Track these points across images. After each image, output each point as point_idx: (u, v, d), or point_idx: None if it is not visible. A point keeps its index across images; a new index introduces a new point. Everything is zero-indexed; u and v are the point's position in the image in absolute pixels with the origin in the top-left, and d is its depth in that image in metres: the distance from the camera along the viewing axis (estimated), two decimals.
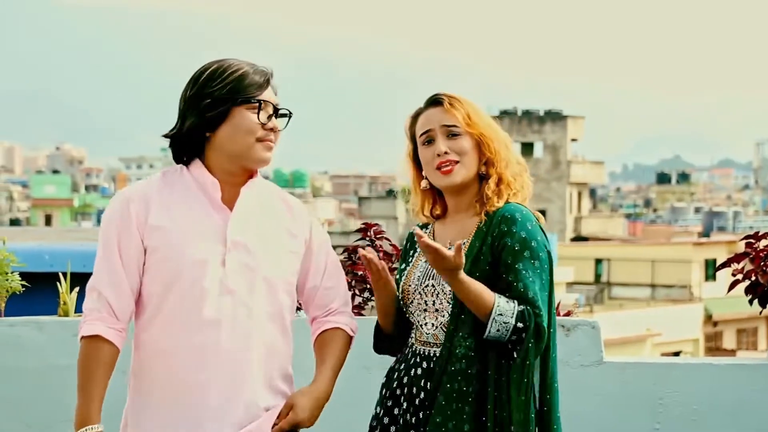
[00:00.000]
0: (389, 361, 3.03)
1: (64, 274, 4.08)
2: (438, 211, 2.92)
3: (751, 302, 4.01)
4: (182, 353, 2.60)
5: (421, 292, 2.82)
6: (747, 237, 4.07)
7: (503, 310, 2.66)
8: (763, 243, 4.02)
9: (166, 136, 2.69)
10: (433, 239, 2.87)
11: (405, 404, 2.82)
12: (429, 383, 2.77)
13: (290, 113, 2.72)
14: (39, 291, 4.25)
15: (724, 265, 4.07)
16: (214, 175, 2.65)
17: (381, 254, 4.32)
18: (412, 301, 2.84)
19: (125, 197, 2.64)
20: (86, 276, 3.96)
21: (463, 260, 2.64)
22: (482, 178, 2.84)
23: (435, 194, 2.91)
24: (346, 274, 4.24)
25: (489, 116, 2.90)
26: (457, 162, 2.81)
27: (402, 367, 2.86)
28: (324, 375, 2.74)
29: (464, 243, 2.79)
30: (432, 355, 2.79)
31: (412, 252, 2.93)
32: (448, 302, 2.78)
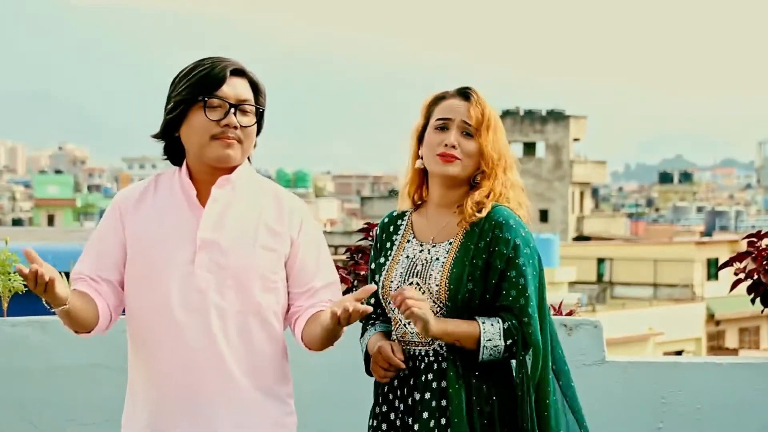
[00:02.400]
0: None
1: (67, 274, 4.06)
2: (417, 199, 2.90)
3: (753, 301, 4.01)
4: (156, 350, 2.63)
5: None
6: (749, 236, 4.06)
7: (490, 334, 2.71)
8: (765, 242, 4.01)
9: (153, 136, 2.73)
10: (411, 230, 2.87)
11: (401, 406, 2.80)
12: (417, 382, 2.76)
13: (260, 108, 2.68)
14: None
15: (727, 264, 4.07)
16: (195, 176, 2.68)
17: None
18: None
19: (115, 200, 2.74)
20: None
21: (428, 317, 2.65)
22: (473, 185, 2.83)
23: (423, 179, 2.89)
24: (348, 273, 4.23)
25: (501, 131, 2.86)
26: (458, 159, 2.80)
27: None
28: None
29: (449, 242, 2.79)
30: (418, 354, 2.78)
31: (389, 245, 2.89)
32: (433, 302, 2.76)
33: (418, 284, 2.78)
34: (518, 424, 2.73)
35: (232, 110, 2.62)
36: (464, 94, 2.84)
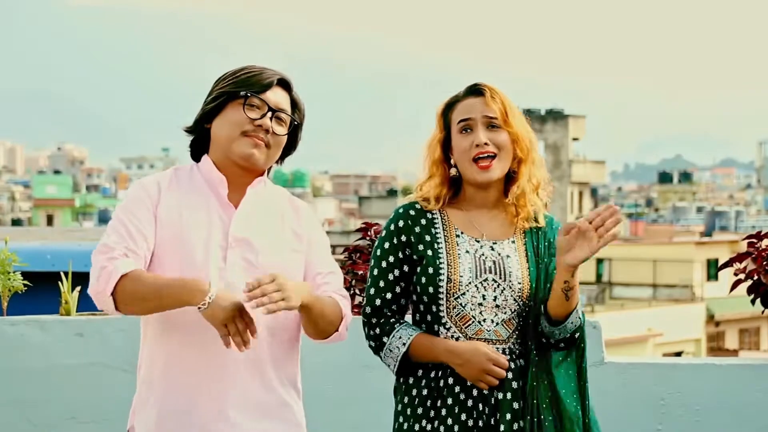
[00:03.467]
0: None
1: (66, 274, 4.11)
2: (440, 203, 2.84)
3: (753, 302, 4.00)
4: (184, 349, 2.63)
5: (478, 286, 2.73)
6: (749, 237, 4.06)
7: (579, 306, 2.74)
8: (765, 242, 4.00)
9: (186, 130, 2.76)
10: (449, 225, 2.79)
11: (482, 407, 2.72)
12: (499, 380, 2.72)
13: (299, 123, 2.75)
14: (41, 290, 4.27)
15: (726, 264, 4.06)
16: (221, 172, 2.70)
17: None
18: (463, 294, 2.73)
19: (142, 184, 2.70)
20: (88, 275, 3.95)
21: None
22: (509, 175, 2.80)
23: (451, 183, 2.84)
24: (346, 273, 4.24)
25: (522, 114, 2.85)
26: (494, 156, 2.76)
27: (448, 372, 2.74)
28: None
29: (511, 241, 2.78)
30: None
31: (429, 238, 2.76)
32: (514, 300, 2.73)
33: (495, 281, 2.73)
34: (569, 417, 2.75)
35: (269, 114, 2.67)
36: (475, 91, 2.81)
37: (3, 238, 4.12)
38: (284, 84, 2.74)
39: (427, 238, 2.76)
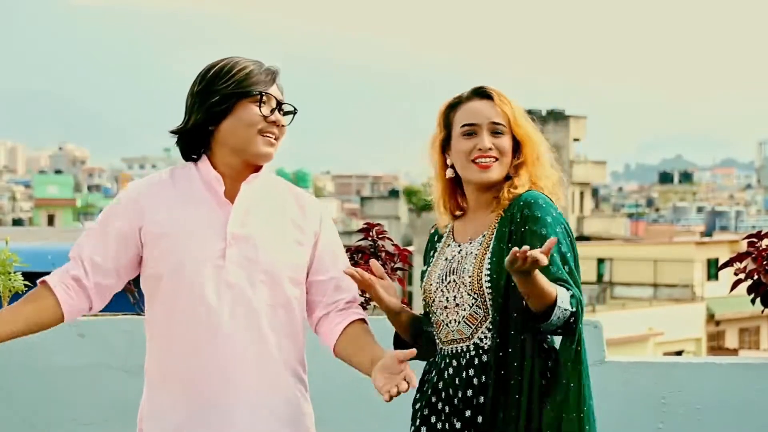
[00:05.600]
0: None
1: None
2: (455, 209, 2.87)
3: (753, 302, 4.00)
4: (187, 349, 2.62)
5: (443, 290, 2.78)
6: (749, 236, 4.06)
7: (562, 297, 2.58)
8: (765, 242, 4.00)
9: (173, 132, 2.73)
10: (452, 235, 2.86)
11: (447, 408, 2.75)
12: (460, 380, 2.73)
13: (295, 110, 2.75)
14: None
15: (727, 264, 4.06)
16: (219, 171, 2.69)
17: (383, 254, 4.33)
18: (433, 300, 2.80)
19: (129, 189, 2.72)
20: None
21: (543, 260, 2.46)
22: (506, 177, 2.80)
23: (455, 187, 2.86)
24: None
25: (528, 117, 2.85)
26: (496, 159, 2.77)
27: (433, 374, 2.81)
28: (378, 348, 2.64)
29: (483, 234, 2.75)
30: (460, 351, 2.75)
31: (432, 252, 2.89)
32: (468, 294, 2.73)
33: (454, 281, 2.76)
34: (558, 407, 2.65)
35: (277, 108, 2.69)
36: (483, 94, 2.80)
37: (4, 239, 4.09)
38: (277, 76, 2.75)
39: (431, 254, 2.90)
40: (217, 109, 2.65)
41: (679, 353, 29.09)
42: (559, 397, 2.67)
